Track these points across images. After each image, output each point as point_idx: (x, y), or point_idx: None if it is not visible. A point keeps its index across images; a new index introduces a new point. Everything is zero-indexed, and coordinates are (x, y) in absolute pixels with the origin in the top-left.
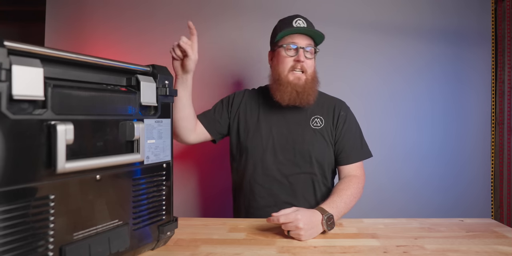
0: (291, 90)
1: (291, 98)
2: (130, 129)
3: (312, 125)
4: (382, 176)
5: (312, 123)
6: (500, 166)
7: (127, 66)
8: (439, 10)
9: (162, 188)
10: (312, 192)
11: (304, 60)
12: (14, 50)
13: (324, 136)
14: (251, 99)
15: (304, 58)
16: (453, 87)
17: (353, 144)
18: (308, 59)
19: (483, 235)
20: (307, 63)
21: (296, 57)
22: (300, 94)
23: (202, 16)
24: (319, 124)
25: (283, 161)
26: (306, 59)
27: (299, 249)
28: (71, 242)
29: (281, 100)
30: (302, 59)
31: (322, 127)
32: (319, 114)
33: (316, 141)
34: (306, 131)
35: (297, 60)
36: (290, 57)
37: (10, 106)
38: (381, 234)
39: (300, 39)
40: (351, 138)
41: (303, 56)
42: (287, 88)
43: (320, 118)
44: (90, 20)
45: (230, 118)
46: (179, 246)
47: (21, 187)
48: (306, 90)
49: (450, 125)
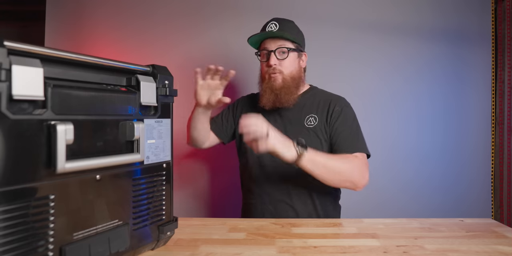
0: (269, 93)
1: (269, 100)
2: (130, 129)
3: (306, 124)
4: (382, 176)
5: (306, 122)
6: (500, 166)
7: (127, 66)
8: (439, 10)
9: (162, 188)
10: (306, 191)
11: (276, 62)
12: (14, 50)
13: (318, 134)
14: (249, 102)
15: (275, 60)
16: (453, 87)
17: (347, 136)
18: (281, 60)
19: (483, 235)
20: (281, 64)
21: (267, 62)
22: (278, 96)
23: (202, 16)
24: (313, 122)
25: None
26: (280, 60)
27: (299, 249)
28: (71, 242)
29: (264, 105)
30: (272, 63)
31: (315, 125)
32: (313, 113)
33: (310, 141)
34: (300, 131)
35: (268, 66)
36: (264, 62)
37: (10, 106)
38: (381, 234)
39: (270, 44)
40: (345, 131)
41: (274, 59)
42: (266, 92)
43: (314, 117)
44: (90, 20)
45: (235, 122)
46: (179, 246)
47: (21, 187)
48: (283, 90)
49: (450, 125)
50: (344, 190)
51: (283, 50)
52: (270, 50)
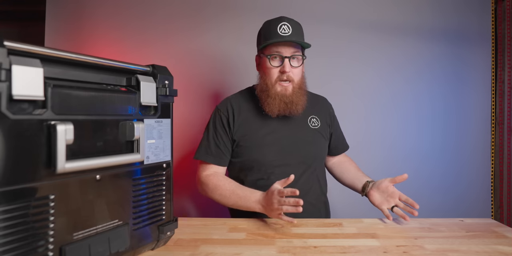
0: (279, 101)
1: (280, 109)
2: (130, 129)
3: (311, 125)
4: (382, 176)
5: (310, 124)
6: (500, 166)
7: (127, 66)
8: (439, 10)
9: (162, 188)
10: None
11: (290, 70)
12: (14, 50)
13: (322, 134)
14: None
15: (289, 68)
16: (453, 87)
17: (342, 136)
18: (294, 67)
19: (483, 235)
20: (293, 72)
21: (281, 68)
22: (288, 105)
23: (202, 16)
24: (316, 123)
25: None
26: (292, 68)
27: (299, 249)
28: (71, 242)
29: (271, 112)
30: (288, 70)
31: (319, 127)
32: (313, 114)
33: (319, 141)
34: (307, 132)
35: (282, 71)
36: (276, 68)
37: (10, 106)
38: (381, 234)
39: (285, 49)
40: (340, 132)
41: (288, 66)
42: (275, 100)
43: (315, 118)
44: (90, 20)
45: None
46: (179, 246)
47: (21, 187)
48: (294, 100)
49: (450, 125)
50: (345, 191)
51: (298, 58)
52: (285, 56)
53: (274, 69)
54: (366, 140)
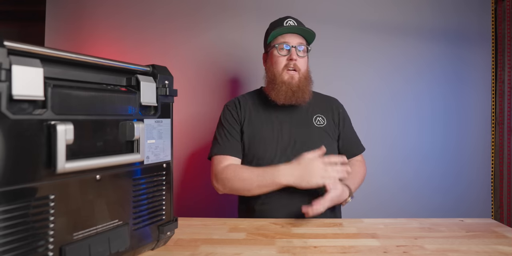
0: (286, 89)
1: (286, 97)
2: (130, 129)
3: (316, 124)
4: (382, 176)
5: (315, 122)
6: (500, 166)
7: (127, 66)
8: (439, 10)
9: (162, 188)
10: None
11: (297, 58)
12: (14, 50)
13: (329, 133)
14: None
15: (296, 56)
16: (453, 87)
17: (355, 138)
18: (300, 57)
19: (483, 235)
20: (299, 62)
21: (289, 56)
22: (295, 93)
23: (202, 15)
24: (322, 122)
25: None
26: (299, 58)
27: (299, 249)
28: (71, 242)
29: (277, 99)
30: (295, 57)
31: (325, 125)
32: (319, 113)
33: (323, 139)
34: (311, 130)
35: (289, 59)
36: (283, 56)
37: (10, 106)
38: (381, 234)
39: (291, 38)
40: (351, 134)
41: (295, 54)
42: (281, 87)
43: (321, 117)
44: (90, 20)
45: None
46: (179, 246)
47: (21, 187)
48: (300, 88)
49: (450, 125)
50: None
51: (304, 49)
52: (292, 45)
53: (281, 58)
54: (367, 140)
